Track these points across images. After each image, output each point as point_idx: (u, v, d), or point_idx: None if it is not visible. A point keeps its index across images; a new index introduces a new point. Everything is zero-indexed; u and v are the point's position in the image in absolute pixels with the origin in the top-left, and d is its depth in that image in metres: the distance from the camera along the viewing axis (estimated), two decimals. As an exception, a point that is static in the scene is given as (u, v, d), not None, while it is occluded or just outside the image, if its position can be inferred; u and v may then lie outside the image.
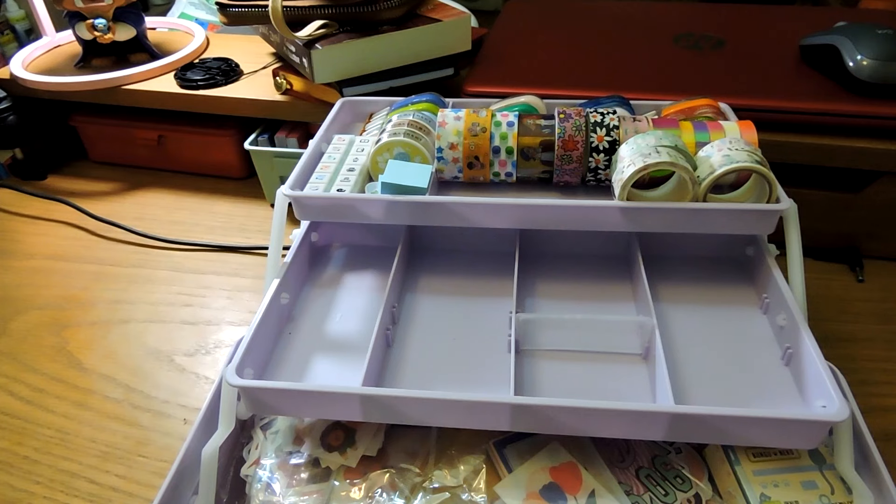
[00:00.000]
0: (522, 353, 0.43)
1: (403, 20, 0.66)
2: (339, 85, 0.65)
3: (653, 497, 0.38)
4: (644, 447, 0.41)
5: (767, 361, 0.42)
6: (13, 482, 0.47)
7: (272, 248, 0.47)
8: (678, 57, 0.69)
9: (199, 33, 0.87)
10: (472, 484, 0.39)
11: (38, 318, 0.62)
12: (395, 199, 0.45)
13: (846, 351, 0.53)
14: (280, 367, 0.43)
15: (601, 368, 0.42)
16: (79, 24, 0.76)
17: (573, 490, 0.38)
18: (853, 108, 0.58)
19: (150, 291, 0.65)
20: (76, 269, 0.68)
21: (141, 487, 0.47)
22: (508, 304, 0.45)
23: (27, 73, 0.79)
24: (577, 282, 0.50)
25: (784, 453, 0.39)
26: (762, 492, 0.37)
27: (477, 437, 0.41)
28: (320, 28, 0.63)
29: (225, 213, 0.76)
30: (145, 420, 0.51)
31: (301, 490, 0.39)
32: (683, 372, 0.41)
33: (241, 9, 0.68)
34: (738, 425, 0.35)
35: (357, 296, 0.50)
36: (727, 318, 0.46)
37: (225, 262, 0.68)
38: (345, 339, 0.46)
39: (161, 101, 0.76)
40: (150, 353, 0.57)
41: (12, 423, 0.52)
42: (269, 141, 0.74)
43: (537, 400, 0.36)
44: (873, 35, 0.61)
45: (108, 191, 0.81)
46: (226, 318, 0.61)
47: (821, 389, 0.37)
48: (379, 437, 0.41)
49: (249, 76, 0.77)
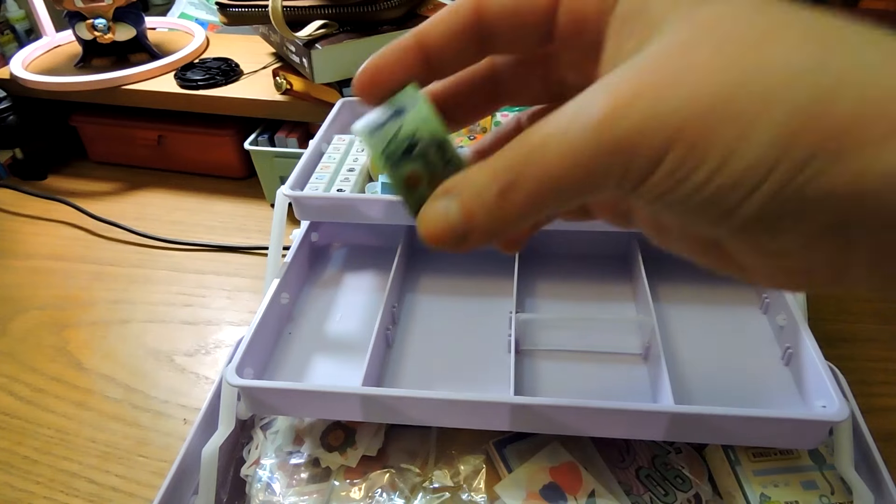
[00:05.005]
0: (522, 353, 0.43)
1: (403, 20, 0.66)
2: (339, 85, 0.65)
3: (653, 497, 0.38)
4: (644, 447, 0.41)
5: (767, 361, 0.42)
6: (13, 482, 0.47)
7: (272, 248, 0.47)
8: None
9: (199, 33, 0.87)
10: (472, 484, 0.39)
11: (38, 318, 0.62)
12: (395, 199, 0.45)
13: (846, 351, 0.53)
14: (280, 367, 0.43)
15: (601, 368, 0.42)
16: (79, 24, 0.76)
17: (573, 490, 0.38)
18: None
19: (150, 291, 0.65)
20: (76, 269, 0.68)
21: (141, 487, 0.47)
22: (508, 304, 0.45)
23: (27, 73, 0.79)
24: (577, 282, 0.50)
25: (784, 453, 0.39)
26: (762, 492, 0.37)
27: (477, 437, 0.41)
28: (320, 28, 0.63)
29: (225, 213, 0.76)
30: (145, 420, 0.51)
31: (301, 490, 0.39)
32: (683, 372, 0.41)
33: (241, 9, 0.68)
34: (738, 425, 0.35)
35: (357, 296, 0.50)
36: (727, 318, 0.46)
37: (225, 262, 0.68)
38: (345, 339, 0.46)
39: (161, 101, 0.76)
40: (150, 353, 0.57)
41: (12, 423, 0.52)
42: (269, 141, 0.74)
43: (537, 400, 0.36)
44: (873, 35, 0.61)
45: (108, 191, 0.81)
46: (226, 318, 0.61)
47: (821, 389, 0.37)
48: (379, 437, 0.41)
49: (249, 76, 0.77)
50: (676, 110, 0.15)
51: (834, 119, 0.14)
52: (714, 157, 0.15)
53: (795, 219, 0.16)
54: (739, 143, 0.15)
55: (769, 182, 0.15)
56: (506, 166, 0.17)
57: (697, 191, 0.16)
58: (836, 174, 0.14)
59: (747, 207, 0.16)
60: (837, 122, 0.14)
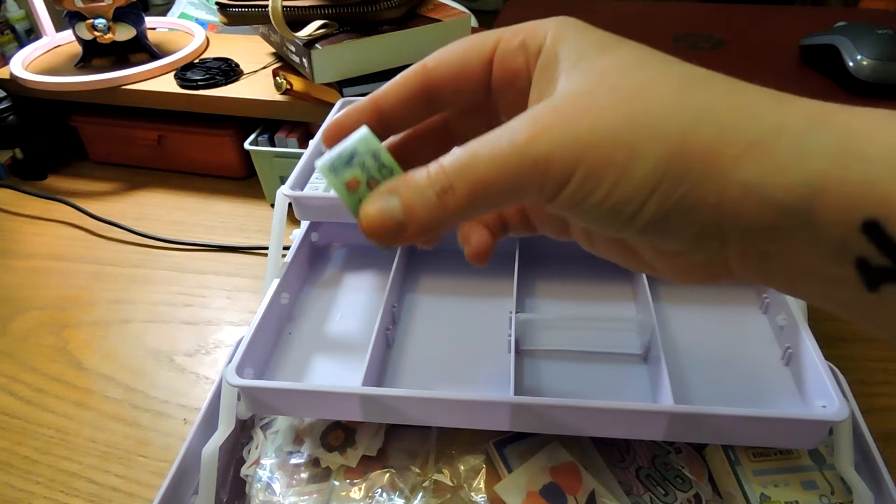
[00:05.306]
0: (522, 352, 0.43)
1: (403, 20, 0.66)
2: (339, 85, 0.65)
3: (653, 497, 0.38)
4: (644, 447, 0.41)
5: (767, 361, 0.42)
6: (13, 482, 0.47)
7: (272, 248, 0.47)
8: (678, 57, 0.68)
9: (199, 33, 0.87)
10: (472, 484, 0.39)
11: (37, 318, 0.62)
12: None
13: (846, 351, 0.53)
14: (280, 367, 0.43)
15: (601, 368, 0.42)
16: (79, 24, 0.76)
17: (573, 490, 0.38)
18: (853, 108, 0.58)
19: (150, 291, 0.65)
20: (76, 269, 0.68)
21: (141, 487, 0.47)
22: (508, 304, 0.45)
23: (27, 73, 0.79)
24: (577, 282, 0.50)
25: (784, 453, 0.39)
26: (762, 492, 0.37)
27: (477, 437, 0.41)
28: (320, 28, 0.63)
29: (225, 213, 0.76)
30: (145, 420, 0.51)
31: (301, 490, 0.39)
32: (683, 372, 0.41)
33: (241, 9, 0.68)
34: (738, 425, 0.35)
35: (357, 296, 0.50)
36: (727, 318, 0.46)
37: (225, 262, 0.68)
38: (345, 339, 0.46)
39: (161, 101, 0.76)
40: (150, 353, 0.57)
41: (12, 423, 0.52)
42: (269, 141, 0.74)
43: (537, 400, 0.36)
44: (873, 35, 0.61)
45: (108, 191, 0.81)
46: (226, 318, 0.61)
47: (821, 389, 0.37)
48: (379, 437, 0.41)
49: (249, 76, 0.77)
50: (579, 139, 0.19)
51: (698, 146, 0.19)
52: (610, 177, 0.19)
53: (679, 223, 0.20)
54: (629, 166, 0.19)
55: (655, 196, 0.19)
56: (444, 172, 0.21)
57: (601, 203, 0.20)
58: (704, 188, 0.19)
59: (641, 216, 0.20)
60: (701, 148, 0.19)
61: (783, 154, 0.18)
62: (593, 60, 0.21)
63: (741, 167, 0.18)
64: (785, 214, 0.18)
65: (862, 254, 0.17)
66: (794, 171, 0.18)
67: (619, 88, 0.20)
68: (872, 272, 0.18)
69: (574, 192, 0.20)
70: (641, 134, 0.19)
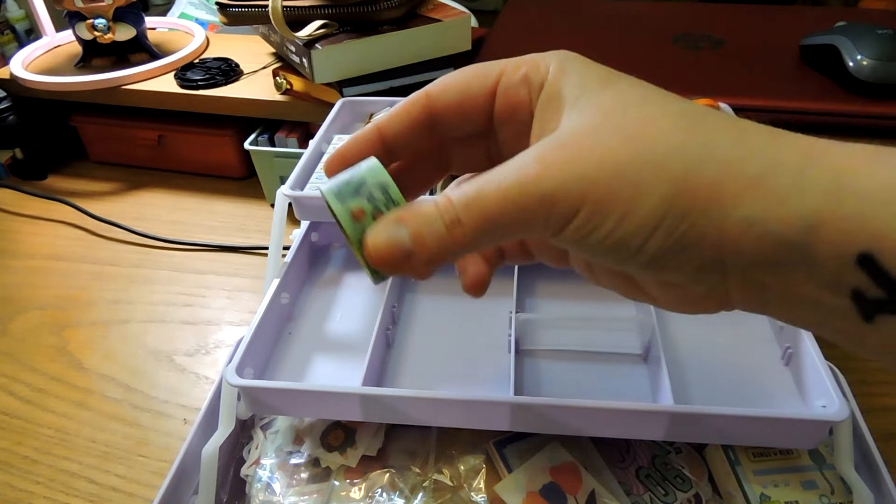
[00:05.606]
0: (522, 352, 0.43)
1: (403, 20, 0.66)
2: (339, 85, 0.65)
3: (653, 497, 0.38)
4: (644, 447, 0.41)
5: (767, 361, 0.42)
6: (13, 482, 0.47)
7: (272, 248, 0.47)
8: (678, 57, 0.69)
9: (199, 33, 0.87)
10: (472, 484, 0.39)
11: (37, 318, 0.62)
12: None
13: (846, 351, 0.53)
14: (280, 367, 0.43)
15: (601, 368, 0.42)
16: (79, 24, 0.76)
17: (573, 490, 0.38)
18: (853, 108, 0.58)
19: (150, 291, 0.65)
20: (76, 269, 0.68)
21: (141, 487, 0.47)
22: (508, 304, 0.45)
23: (27, 73, 0.79)
24: (577, 282, 0.50)
25: (784, 453, 0.39)
26: (762, 492, 0.37)
27: (477, 437, 0.41)
28: (320, 28, 0.63)
29: (225, 213, 0.76)
30: (145, 420, 0.51)
31: (301, 490, 0.39)
32: (683, 372, 0.41)
33: (241, 9, 0.68)
34: (738, 425, 0.35)
35: (357, 296, 0.50)
36: (727, 317, 0.46)
37: (225, 262, 0.68)
38: (345, 339, 0.46)
39: (161, 101, 0.76)
40: (150, 353, 0.57)
41: (12, 423, 0.52)
42: (269, 141, 0.74)
43: (537, 400, 0.36)
44: (873, 35, 0.61)
45: (108, 191, 0.81)
46: (226, 318, 0.61)
47: (821, 389, 0.37)
48: (379, 437, 0.41)
49: (249, 76, 0.77)
50: (586, 176, 0.20)
51: (701, 184, 0.19)
52: (616, 214, 0.20)
53: (682, 258, 0.20)
54: (634, 202, 0.20)
55: (658, 232, 0.20)
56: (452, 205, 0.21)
57: (606, 237, 0.20)
58: (706, 224, 0.19)
59: (644, 251, 0.20)
60: (703, 186, 0.19)
61: (782, 191, 0.18)
62: (595, 96, 0.22)
63: (742, 203, 0.19)
64: (784, 248, 0.19)
65: (857, 286, 0.18)
66: (792, 206, 0.18)
67: (624, 126, 0.20)
68: (868, 303, 0.18)
69: (579, 227, 0.20)
70: (647, 172, 0.20)
